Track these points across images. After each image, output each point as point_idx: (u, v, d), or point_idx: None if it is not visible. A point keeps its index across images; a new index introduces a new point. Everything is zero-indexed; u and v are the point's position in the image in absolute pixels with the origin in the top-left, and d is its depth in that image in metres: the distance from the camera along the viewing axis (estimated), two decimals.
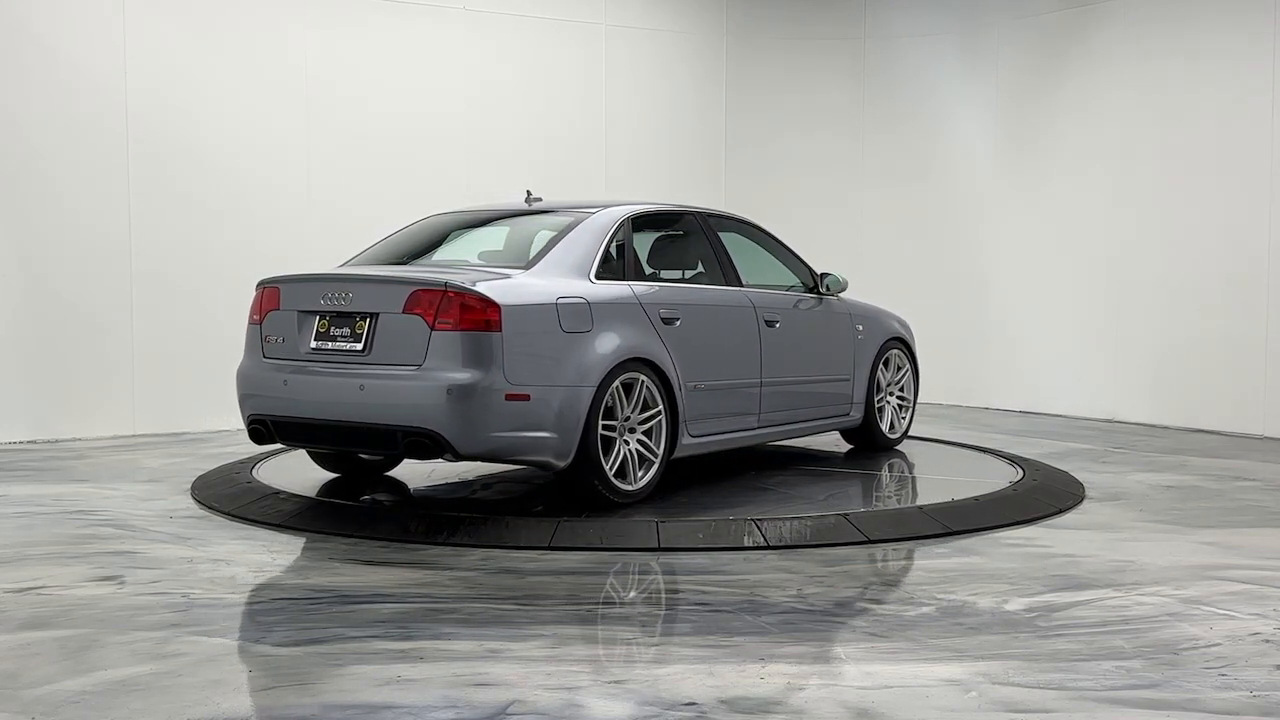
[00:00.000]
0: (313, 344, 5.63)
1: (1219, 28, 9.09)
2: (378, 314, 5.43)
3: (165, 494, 6.41)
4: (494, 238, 6.60)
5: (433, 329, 5.28)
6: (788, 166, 11.56)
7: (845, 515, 5.49)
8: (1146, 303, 9.60)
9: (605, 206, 6.30)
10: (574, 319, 5.52)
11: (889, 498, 6.40)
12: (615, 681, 3.33)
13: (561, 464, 5.46)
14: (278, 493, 6.02)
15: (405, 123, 9.93)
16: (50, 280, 8.64)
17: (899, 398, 7.88)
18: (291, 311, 5.73)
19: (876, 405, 7.62)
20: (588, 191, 10.38)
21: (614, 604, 4.17)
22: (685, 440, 6.06)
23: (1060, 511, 5.87)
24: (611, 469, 5.58)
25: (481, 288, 5.30)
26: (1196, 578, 4.54)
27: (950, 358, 11.19)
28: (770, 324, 6.71)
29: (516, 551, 5.00)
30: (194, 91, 9.09)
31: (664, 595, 4.28)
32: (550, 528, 5.24)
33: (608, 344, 5.62)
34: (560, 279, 5.67)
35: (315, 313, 5.66)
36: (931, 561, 4.88)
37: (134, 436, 8.82)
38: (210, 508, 5.97)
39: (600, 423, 5.51)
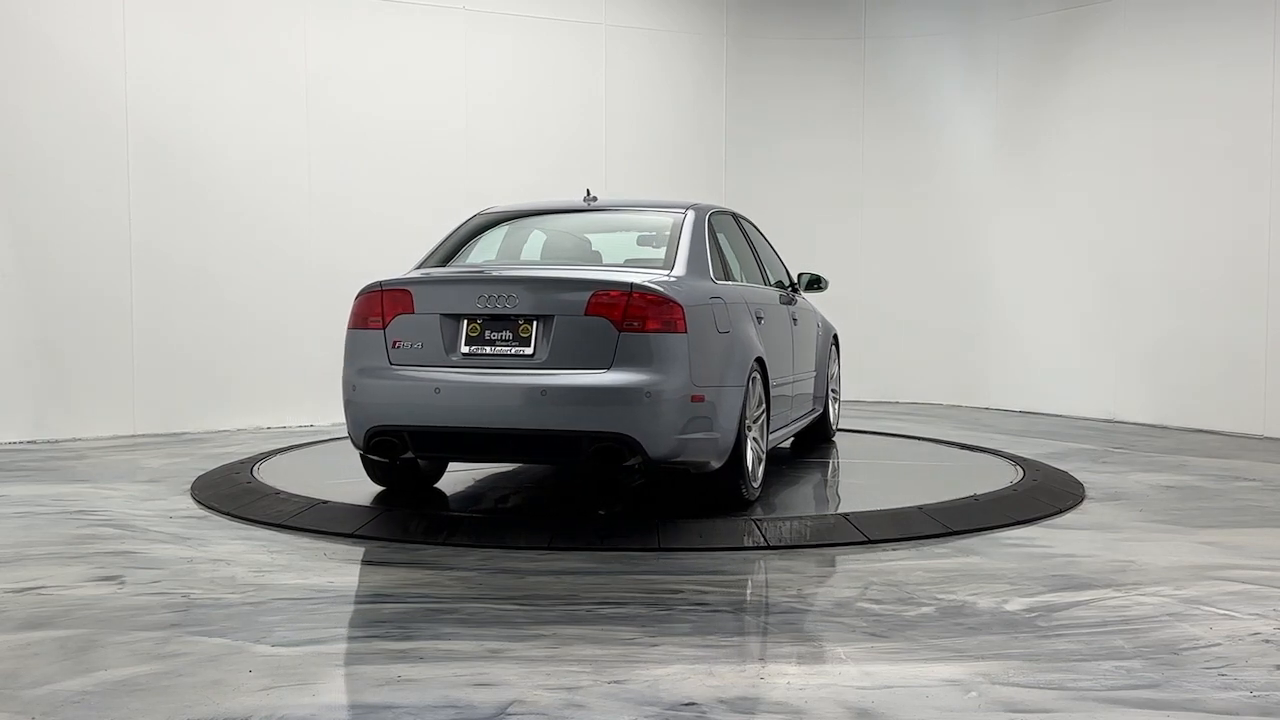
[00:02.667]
0: (465, 349, 5.33)
1: (1219, 27, 9.09)
2: (552, 316, 5.22)
3: (165, 494, 6.41)
4: (587, 237, 6.50)
5: (621, 330, 5.15)
6: (787, 166, 11.56)
7: (845, 515, 5.49)
8: (1147, 302, 9.60)
9: (673, 205, 6.33)
10: (723, 319, 5.56)
11: (889, 498, 6.40)
12: (615, 681, 3.33)
13: (718, 465, 5.41)
14: (278, 493, 6.02)
15: (405, 121, 9.93)
16: (50, 280, 8.64)
17: (834, 392, 8.23)
18: (432, 315, 5.38)
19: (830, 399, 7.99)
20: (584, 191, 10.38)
21: (614, 604, 4.17)
22: (769, 438, 6.14)
23: (1060, 511, 5.87)
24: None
25: (663, 288, 5.24)
26: (1196, 578, 4.54)
27: (950, 358, 11.20)
28: (794, 321, 6.86)
29: (516, 551, 5.00)
30: (194, 90, 9.09)
31: (664, 595, 4.28)
32: (550, 528, 5.24)
33: (744, 343, 5.70)
34: (699, 280, 5.64)
35: (464, 316, 5.36)
36: (931, 561, 4.88)
37: (134, 436, 8.83)
38: (210, 508, 5.97)
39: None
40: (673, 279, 5.46)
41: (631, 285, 5.21)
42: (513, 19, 10.35)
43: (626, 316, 5.15)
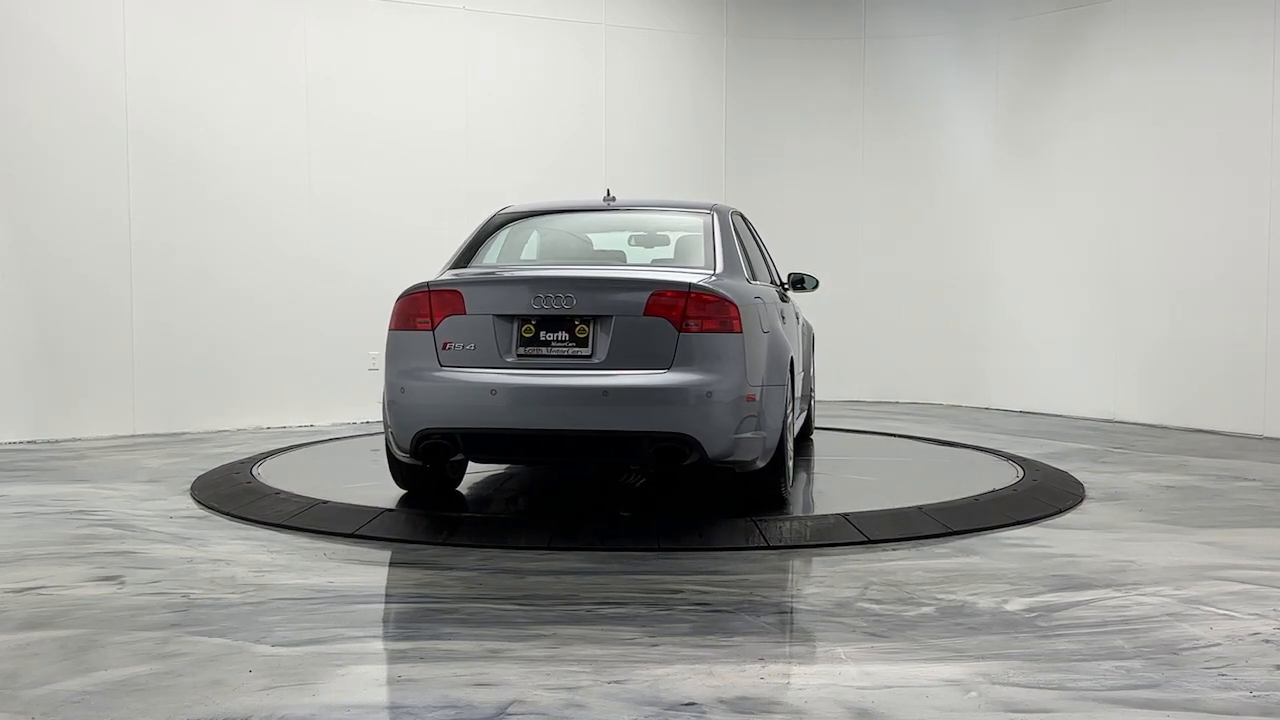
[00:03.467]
0: (519, 350, 5.27)
1: (1219, 27, 9.09)
2: (611, 316, 5.20)
3: (165, 494, 6.41)
4: (618, 236, 6.50)
5: (680, 331, 5.15)
6: (787, 166, 11.56)
7: (845, 515, 5.49)
8: (1146, 303, 9.60)
9: (693, 205, 6.37)
10: (764, 318, 5.59)
11: (889, 498, 6.40)
12: (615, 681, 3.33)
13: (763, 464, 5.44)
14: (278, 493, 6.02)
15: (405, 121, 9.94)
16: (50, 280, 8.64)
17: (812, 391, 8.30)
18: (485, 316, 5.29)
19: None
20: (587, 191, 10.37)
21: (614, 604, 4.17)
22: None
23: (1060, 511, 5.87)
24: None
25: (718, 288, 5.28)
26: (1196, 578, 4.54)
27: (950, 358, 11.20)
28: (796, 319, 6.94)
29: (516, 551, 5.00)
30: (194, 91, 9.09)
31: (664, 595, 4.28)
32: (550, 528, 5.24)
33: (782, 342, 5.74)
34: (737, 280, 5.65)
35: (517, 317, 5.29)
36: (931, 561, 4.88)
37: (134, 436, 8.83)
38: (210, 508, 5.97)
39: None
40: (721, 280, 5.49)
41: (690, 285, 5.23)
42: (513, 19, 10.35)
43: (685, 316, 5.17)
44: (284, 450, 7.76)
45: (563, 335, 5.24)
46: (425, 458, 5.43)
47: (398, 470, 5.86)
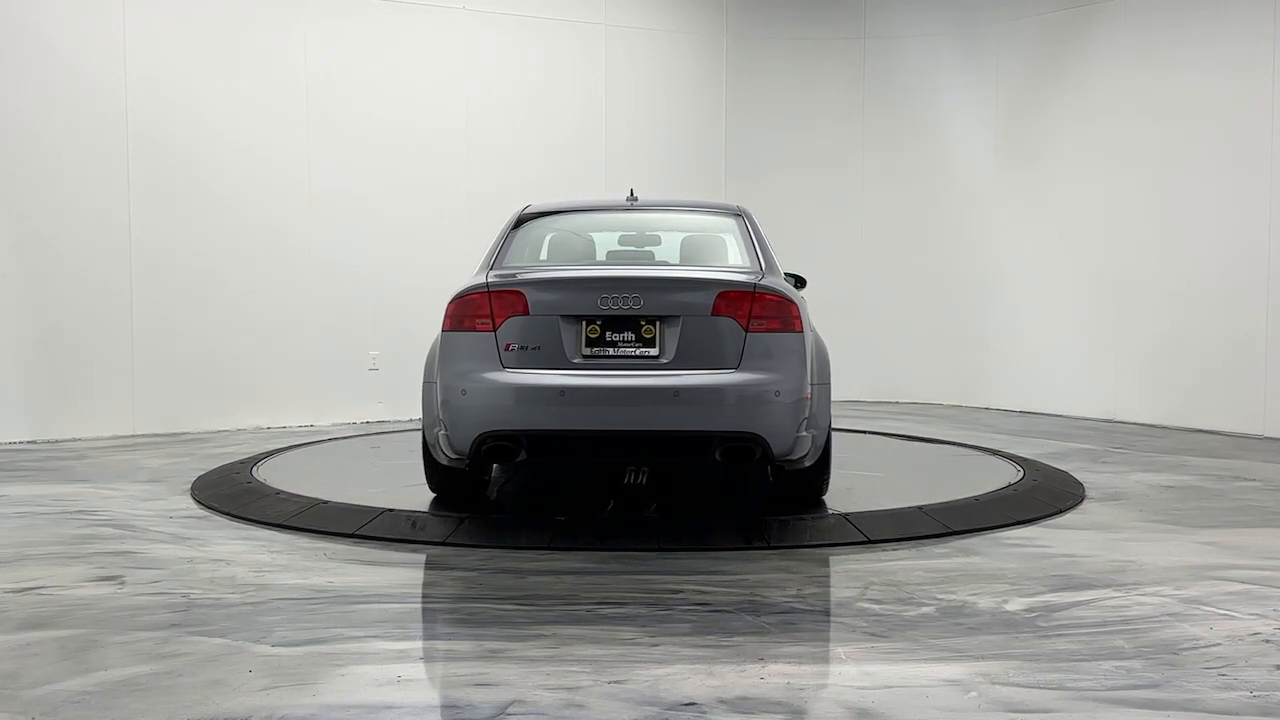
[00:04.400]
0: (586, 351, 5.23)
1: (1219, 28, 9.09)
2: (679, 317, 5.22)
3: (165, 494, 6.41)
4: (655, 237, 6.48)
5: (747, 331, 5.20)
6: (787, 166, 11.56)
7: (845, 515, 5.49)
8: (1146, 302, 9.60)
9: (716, 206, 6.42)
10: (808, 317, 5.62)
11: (889, 498, 6.40)
12: (615, 681, 3.33)
13: (811, 462, 5.49)
14: (278, 493, 6.02)
15: (405, 120, 9.94)
16: (50, 280, 8.64)
17: None
18: (550, 317, 5.23)
19: None
20: (588, 191, 10.38)
21: (614, 604, 4.17)
22: None
23: (1060, 511, 5.87)
24: None
25: (781, 288, 5.34)
26: (1196, 578, 4.54)
27: (950, 358, 11.20)
28: None
29: (516, 551, 5.00)
30: (194, 90, 9.10)
31: (664, 595, 4.28)
32: (550, 528, 5.24)
33: (823, 342, 5.77)
34: (781, 279, 5.69)
35: (583, 317, 5.25)
36: (931, 561, 4.88)
37: (134, 436, 8.83)
38: (210, 508, 5.97)
39: None
40: (775, 280, 5.53)
41: (755, 285, 5.29)
42: (513, 19, 10.35)
43: (752, 316, 5.21)
44: (284, 450, 7.77)
45: (629, 336, 5.24)
46: (484, 460, 5.34)
47: (435, 472, 5.78)
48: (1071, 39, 10.22)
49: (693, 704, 3.14)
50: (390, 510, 5.53)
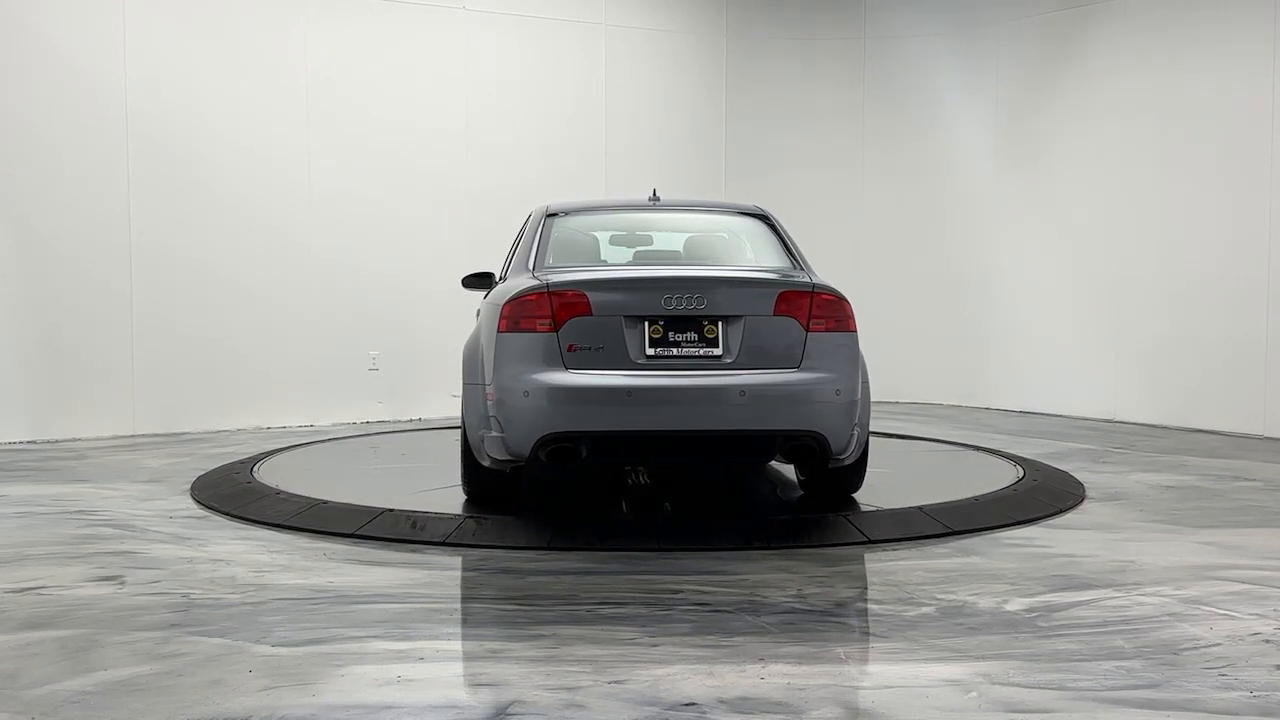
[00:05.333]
0: (650, 351, 5.20)
1: (1219, 28, 9.09)
2: (743, 316, 5.25)
3: (165, 494, 6.41)
4: (687, 237, 6.48)
5: (808, 331, 5.26)
6: (787, 166, 11.56)
7: (845, 515, 5.49)
8: (1146, 302, 9.60)
9: (738, 206, 6.50)
10: None
11: (889, 498, 6.40)
12: (615, 681, 3.33)
13: (853, 459, 5.55)
14: (278, 493, 6.02)
15: (405, 121, 9.94)
16: (50, 280, 8.65)
17: None
18: (614, 317, 5.19)
19: None
20: (588, 191, 10.38)
21: (614, 604, 4.17)
22: None
23: (1060, 511, 5.87)
24: None
25: (835, 288, 5.40)
26: (1196, 578, 4.54)
27: (950, 358, 11.20)
28: None
29: (516, 551, 5.00)
30: (194, 90, 9.10)
31: (664, 595, 4.28)
32: (550, 528, 5.24)
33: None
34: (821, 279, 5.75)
35: (646, 317, 5.21)
36: (931, 561, 4.88)
37: (134, 436, 8.83)
38: (210, 508, 5.97)
39: None
40: (819, 278, 5.59)
41: (813, 285, 5.37)
42: (513, 19, 10.35)
43: (811, 316, 5.28)
44: (284, 450, 7.77)
45: (692, 335, 5.23)
46: (545, 462, 5.25)
47: (475, 474, 5.69)
48: (1071, 39, 10.22)
49: (693, 704, 3.14)
50: (390, 510, 5.53)
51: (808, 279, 5.50)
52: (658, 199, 6.47)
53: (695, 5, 11.32)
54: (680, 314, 5.20)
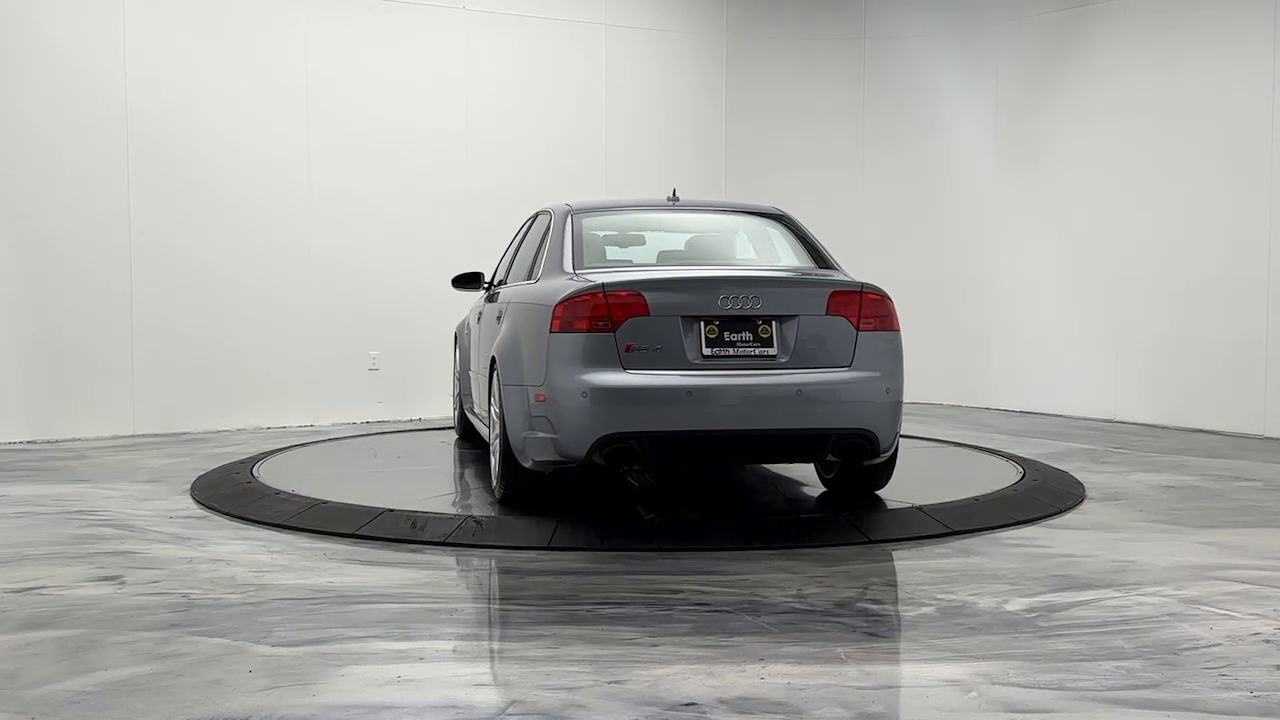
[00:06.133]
0: (706, 351, 5.21)
1: (1219, 28, 9.09)
2: (796, 316, 5.30)
3: (165, 494, 6.41)
4: (716, 237, 6.51)
5: (859, 330, 5.33)
6: (787, 166, 11.56)
7: (845, 515, 5.48)
8: (1146, 302, 9.60)
9: (755, 207, 6.57)
10: None
11: (889, 498, 6.40)
12: (615, 681, 3.33)
13: (889, 456, 5.63)
14: (278, 493, 6.02)
15: (405, 121, 9.94)
16: (50, 280, 8.65)
17: None
18: (671, 317, 5.18)
19: None
20: (587, 190, 10.37)
21: (614, 604, 4.17)
22: None
23: (1060, 511, 5.87)
24: None
25: (881, 289, 5.47)
26: (1197, 578, 4.54)
27: (950, 358, 11.20)
28: None
29: (516, 551, 5.00)
30: (195, 90, 9.10)
31: (664, 595, 4.28)
32: (550, 527, 5.24)
33: None
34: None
35: (702, 318, 5.23)
36: (931, 561, 4.88)
37: (134, 436, 8.83)
38: (210, 508, 5.97)
39: None
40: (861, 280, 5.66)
41: (861, 285, 5.44)
42: (513, 19, 10.35)
43: (861, 316, 5.35)
44: (284, 450, 7.77)
45: (746, 335, 5.25)
46: (610, 463, 5.23)
47: (517, 476, 5.59)
48: (1071, 39, 10.22)
49: (693, 704, 3.14)
50: (390, 510, 5.53)
51: (855, 278, 5.56)
52: (677, 199, 6.47)
53: (695, 5, 11.32)
54: (735, 314, 5.24)
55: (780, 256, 6.09)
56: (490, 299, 7.02)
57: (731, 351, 5.23)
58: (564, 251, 5.80)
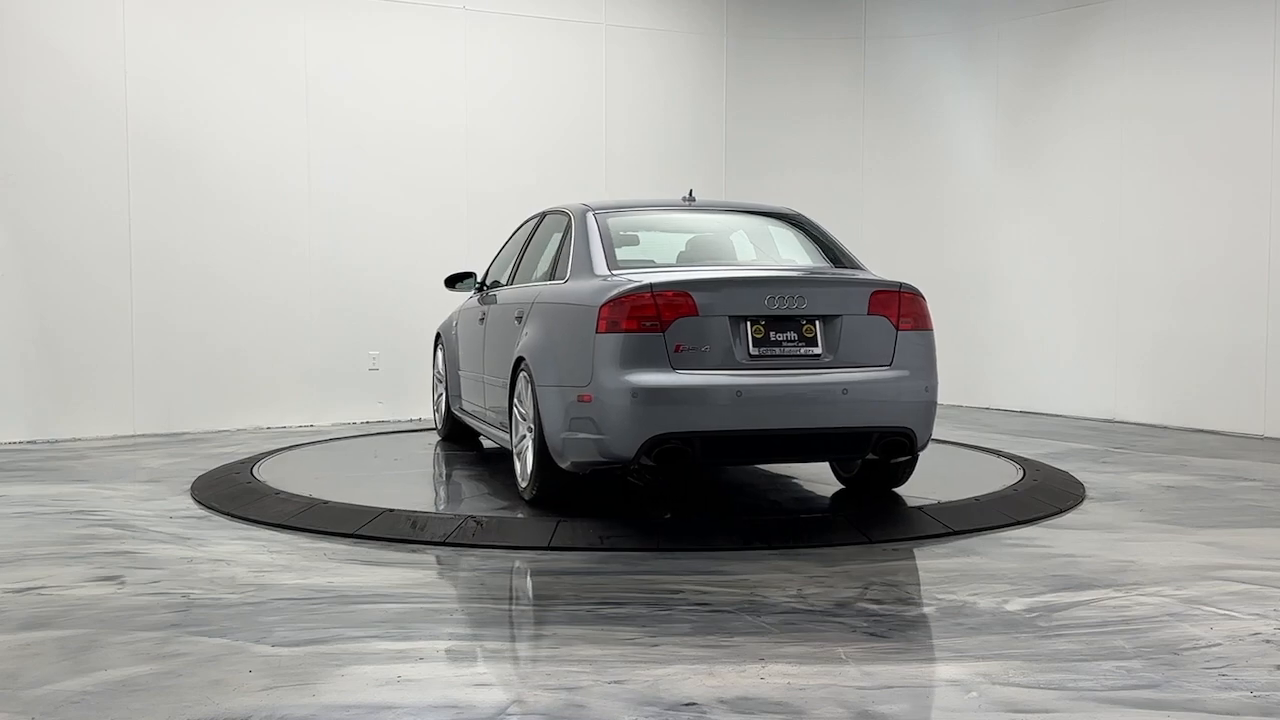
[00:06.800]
0: (753, 350, 5.22)
1: (1219, 28, 9.09)
2: (840, 316, 5.34)
3: (165, 494, 6.41)
4: (741, 237, 6.50)
5: (898, 329, 5.42)
6: (787, 166, 11.55)
7: (846, 515, 5.48)
8: (1147, 302, 9.60)
9: (772, 207, 6.68)
10: None
11: (889, 498, 6.40)
12: (615, 681, 3.33)
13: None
14: (278, 493, 6.02)
15: (405, 121, 9.94)
16: (50, 280, 8.65)
17: None
18: (720, 317, 5.19)
19: None
20: (587, 191, 10.37)
21: (614, 604, 4.17)
22: None
23: (1060, 511, 5.87)
24: None
25: (917, 288, 5.55)
26: (1197, 578, 4.54)
27: (950, 358, 11.15)
28: None
29: (516, 551, 5.00)
30: (194, 91, 9.10)
31: (664, 595, 4.28)
32: (550, 528, 5.24)
33: None
34: None
35: (748, 317, 5.24)
36: (931, 561, 4.88)
37: (134, 436, 8.83)
38: (210, 508, 5.97)
39: None
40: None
41: (900, 285, 5.52)
42: (512, 19, 10.35)
43: (900, 315, 5.45)
44: (284, 450, 7.76)
45: (791, 335, 5.29)
46: (660, 463, 5.17)
47: (552, 476, 5.54)
48: (1071, 39, 10.21)
49: (693, 704, 3.14)
50: (390, 510, 5.53)
51: (891, 278, 5.62)
52: (693, 199, 6.48)
53: (695, 5, 11.32)
54: (781, 314, 5.27)
55: (807, 257, 6.13)
56: (486, 299, 7.01)
57: (778, 351, 5.26)
58: (593, 252, 5.76)
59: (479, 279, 7.35)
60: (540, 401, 5.51)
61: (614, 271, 5.56)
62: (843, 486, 6.25)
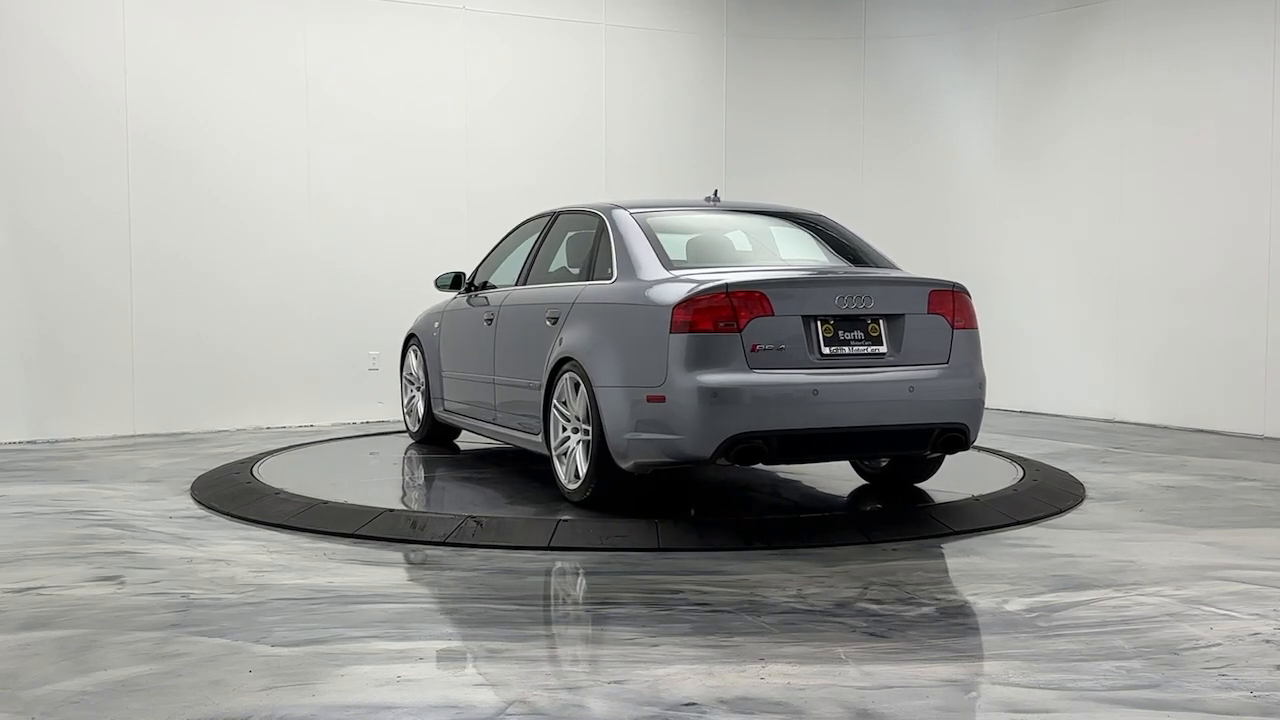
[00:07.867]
0: (825, 349, 5.30)
1: (1219, 27, 9.09)
2: (903, 315, 5.47)
3: (165, 494, 6.41)
4: (777, 238, 6.53)
5: (954, 328, 5.57)
6: (787, 166, 11.55)
7: (846, 515, 5.48)
8: (1146, 302, 9.60)
9: (796, 208, 6.83)
10: None
11: (889, 498, 6.40)
12: (615, 681, 3.33)
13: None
14: (278, 493, 6.02)
15: (405, 121, 9.93)
16: (50, 280, 8.64)
17: None
18: (794, 317, 5.25)
19: None
20: (587, 191, 10.37)
21: (614, 604, 4.17)
22: None
23: (1060, 511, 5.87)
24: None
25: (966, 288, 5.66)
26: (1196, 578, 4.54)
27: None
28: None
29: (516, 551, 5.00)
30: (194, 90, 9.09)
31: (664, 595, 4.28)
32: (550, 528, 5.24)
33: None
34: None
35: (819, 317, 5.32)
36: (931, 561, 4.88)
37: (134, 436, 8.83)
38: (210, 508, 5.97)
39: None
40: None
41: (954, 285, 5.66)
42: (512, 19, 10.35)
43: (955, 314, 5.59)
44: (284, 450, 7.76)
45: (858, 334, 5.39)
46: (738, 462, 5.20)
47: (609, 476, 5.50)
48: (1071, 39, 10.21)
49: (693, 704, 3.14)
50: (390, 510, 5.53)
51: (949, 279, 5.74)
52: (718, 199, 6.54)
53: (695, 5, 11.32)
54: (849, 313, 5.38)
55: (843, 258, 6.20)
56: (479, 300, 7.00)
57: (847, 350, 5.37)
58: (641, 252, 5.73)
59: (467, 279, 7.33)
60: (600, 402, 5.44)
61: (674, 272, 5.54)
62: (865, 482, 6.31)
